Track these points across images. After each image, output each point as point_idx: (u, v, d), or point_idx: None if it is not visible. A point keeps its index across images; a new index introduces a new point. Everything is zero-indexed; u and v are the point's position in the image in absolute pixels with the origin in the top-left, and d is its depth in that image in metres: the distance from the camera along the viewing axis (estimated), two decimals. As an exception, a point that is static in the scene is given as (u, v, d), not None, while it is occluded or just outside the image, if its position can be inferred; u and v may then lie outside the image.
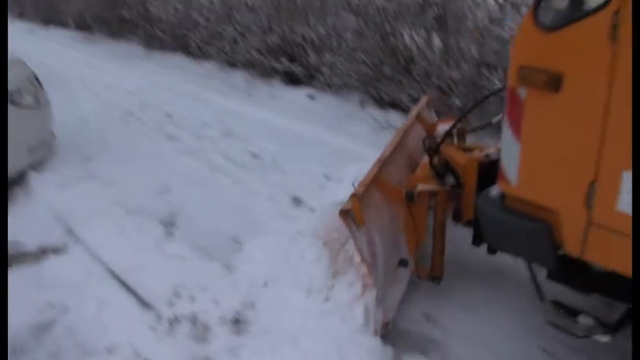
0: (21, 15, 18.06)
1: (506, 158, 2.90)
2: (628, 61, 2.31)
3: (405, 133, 4.19)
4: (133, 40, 12.34)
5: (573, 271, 2.82)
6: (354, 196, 3.20)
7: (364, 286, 3.45)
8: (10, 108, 5.22)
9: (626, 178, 2.41)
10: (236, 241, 4.55)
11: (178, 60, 10.68)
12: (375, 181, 3.50)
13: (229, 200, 5.26)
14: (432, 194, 3.71)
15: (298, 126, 7.22)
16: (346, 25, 7.91)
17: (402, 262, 3.68)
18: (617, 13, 2.32)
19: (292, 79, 8.71)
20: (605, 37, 2.36)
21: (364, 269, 3.38)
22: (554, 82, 2.55)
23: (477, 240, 3.55)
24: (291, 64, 8.65)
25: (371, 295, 3.35)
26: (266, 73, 8.98)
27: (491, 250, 3.50)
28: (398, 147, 3.99)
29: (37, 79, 5.96)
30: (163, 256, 4.38)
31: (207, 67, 9.95)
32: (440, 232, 3.71)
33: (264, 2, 9.11)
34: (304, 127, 7.17)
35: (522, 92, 2.71)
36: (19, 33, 15.66)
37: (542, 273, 3.09)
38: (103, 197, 5.24)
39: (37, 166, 5.67)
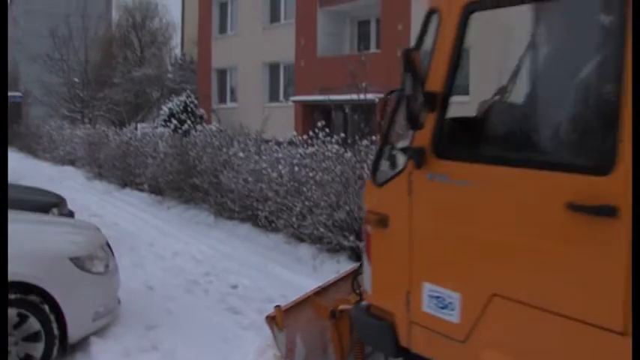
0: (100, 175, 19.07)
1: (365, 276, 4.02)
2: (421, 209, 3.45)
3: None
4: (203, 207, 12.70)
5: None
6: (277, 307, 4.56)
7: None
8: (81, 274, 5.36)
9: (425, 288, 3.42)
10: None
11: (246, 230, 10.85)
12: (307, 301, 4.74)
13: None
14: None
15: (363, 305, 7.05)
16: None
17: None
18: (410, 174, 3.47)
19: (359, 256, 8.67)
20: (405, 191, 3.50)
21: None
22: (383, 221, 3.68)
23: None
24: (358, 241, 8.65)
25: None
26: (333, 248, 8.99)
27: None
28: (345, 278, 5.01)
29: (108, 245, 6.12)
30: None
31: (275, 239, 10.05)
32: (358, 347, 4.47)
33: (332, 179, 9.33)
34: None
35: (369, 228, 3.85)
36: (96, 193, 16.49)
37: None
38: (162, 371, 5.13)
39: (100, 332, 5.63)
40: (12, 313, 4.84)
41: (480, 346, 3.13)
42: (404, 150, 3.59)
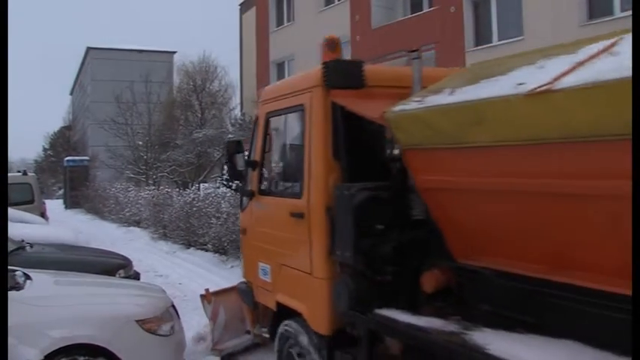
0: (165, 236, 19.30)
1: (242, 264, 6.95)
2: (255, 222, 6.27)
3: None
4: (265, 265, 12.66)
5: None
6: (207, 289, 7.25)
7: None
8: (148, 336, 5.43)
9: (259, 265, 6.09)
10: None
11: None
12: (233, 288, 7.12)
13: None
14: None
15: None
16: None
17: (247, 332, 6.99)
18: (250, 203, 6.33)
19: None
20: (249, 213, 6.40)
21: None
22: (244, 231, 6.63)
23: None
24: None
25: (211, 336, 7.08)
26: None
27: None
28: None
29: (174, 307, 6.16)
30: None
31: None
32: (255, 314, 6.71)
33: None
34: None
35: (241, 236, 6.82)
36: (161, 253, 16.69)
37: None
38: None
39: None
40: (80, 374, 4.90)
41: (277, 292, 5.78)
42: (245, 191, 6.47)
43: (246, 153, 6.41)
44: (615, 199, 2.92)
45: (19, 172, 18.66)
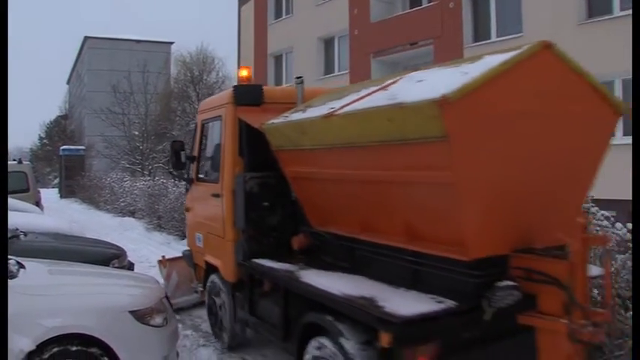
0: (159, 226, 19.25)
1: (187, 234, 9.19)
2: (193, 202, 8.32)
3: None
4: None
5: None
6: (163, 257, 9.42)
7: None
8: (141, 327, 5.39)
9: (196, 235, 8.04)
10: None
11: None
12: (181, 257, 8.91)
13: None
14: None
15: None
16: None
17: (195, 291, 8.53)
18: (190, 188, 8.40)
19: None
20: (191, 195, 8.42)
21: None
22: (188, 209, 8.62)
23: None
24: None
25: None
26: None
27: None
28: None
29: (167, 297, 6.14)
30: None
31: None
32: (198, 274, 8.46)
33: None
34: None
35: (186, 214, 8.89)
36: (156, 244, 16.64)
37: None
38: None
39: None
40: (73, 365, 4.91)
41: (206, 254, 7.51)
42: (188, 179, 8.26)
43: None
44: (375, 183, 4.72)
45: (14, 160, 18.58)
